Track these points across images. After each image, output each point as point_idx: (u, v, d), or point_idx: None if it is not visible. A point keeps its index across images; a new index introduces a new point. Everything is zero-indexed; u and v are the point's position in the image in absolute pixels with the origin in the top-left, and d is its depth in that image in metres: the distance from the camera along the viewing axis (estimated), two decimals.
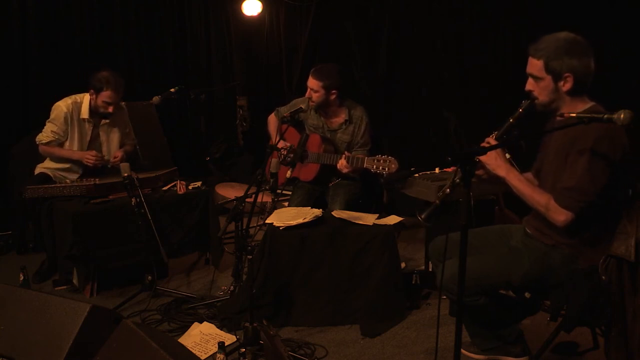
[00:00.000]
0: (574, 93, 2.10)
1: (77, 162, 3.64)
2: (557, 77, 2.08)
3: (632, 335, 2.01)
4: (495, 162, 2.17)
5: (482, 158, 2.16)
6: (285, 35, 6.00)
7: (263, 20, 6.02)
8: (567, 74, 2.06)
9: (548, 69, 2.08)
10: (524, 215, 2.39)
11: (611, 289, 2.02)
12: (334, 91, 3.48)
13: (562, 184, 2.05)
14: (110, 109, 3.55)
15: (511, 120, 2.17)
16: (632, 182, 2.12)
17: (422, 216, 2.17)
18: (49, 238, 3.33)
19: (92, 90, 3.54)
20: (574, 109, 2.10)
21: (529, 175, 2.44)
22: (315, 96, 3.46)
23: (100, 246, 3.19)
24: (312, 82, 3.46)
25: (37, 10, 4.52)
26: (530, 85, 2.17)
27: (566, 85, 2.08)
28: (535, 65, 2.12)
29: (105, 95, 3.50)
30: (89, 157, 3.57)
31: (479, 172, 2.28)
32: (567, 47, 2.06)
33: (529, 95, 2.17)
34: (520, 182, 2.15)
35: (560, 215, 2.04)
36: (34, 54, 4.54)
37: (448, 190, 2.18)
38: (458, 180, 2.12)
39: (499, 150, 2.17)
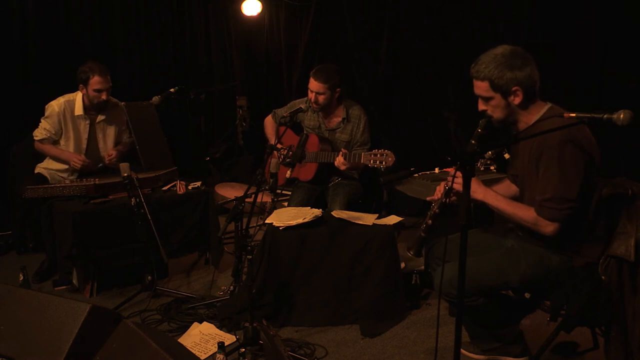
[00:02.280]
0: (526, 103, 2.11)
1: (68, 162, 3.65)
2: (505, 93, 2.09)
3: (632, 335, 2.01)
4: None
5: (456, 186, 2.13)
6: (285, 35, 6.00)
7: (263, 20, 6.01)
8: (514, 88, 2.07)
9: (494, 87, 2.09)
10: None
11: (611, 289, 2.02)
12: (337, 89, 3.48)
13: (540, 195, 2.04)
14: (104, 96, 3.54)
15: (473, 142, 2.14)
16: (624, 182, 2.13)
17: (412, 252, 2.18)
18: (49, 238, 3.33)
19: (81, 85, 3.54)
20: (531, 117, 2.12)
21: (506, 181, 2.44)
22: (321, 98, 3.45)
23: (100, 246, 3.19)
24: (316, 86, 3.43)
25: (37, 10, 4.53)
26: (482, 105, 2.18)
27: (517, 99, 2.09)
28: (481, 86, 2.13)
29: (94, 82, 3.49)
30: (77, 161, 3.57)
31: (454, 198, 2.23)
32: (507, 62, 2.06)
33: (484, 114, 2.17)
34: (500, 202, 2.14)
35: (548, 227, 2.04)
36: (34, 54, 4.54)
37: (430, 221, 2.17)
38: (438, 211, 2.13)
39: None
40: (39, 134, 3.62)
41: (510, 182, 2.43)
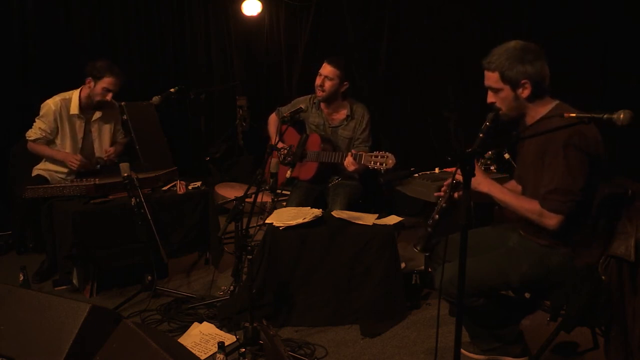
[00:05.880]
0: (534, 97, 2.14)
1: (62, 163, 3.64)
2: (514, 85, 2.13)
3: (632, 335, 2.01)
4: (474, 180, 2.15)
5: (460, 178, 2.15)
6: (285, 35, 6.01)
7: (263, 20, 6.02)
8: (523, 81, 2.11)
9: (504, 79, 2.13)
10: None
11: (611, 289, 2.02)
12: (345, 83, 3.49)
13: (544, 188, 2.06)
14: (109, 97, 3.56)
15: (481, 135, 2.17)
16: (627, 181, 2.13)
17: (419, 247, 2.18)
18: (49, 238, 3.34)
19: (89, 79, 3.54)
20: (539, 112, 2.16)
21: (513, 182, 2.44)
22: (328, 85, 3.45)
23: (100, 246, 3.19)
24: (328, 70, 3.44)
25: (37, 10, 4.53)
26: (491, 97, 2.21)
27: (525, 92, 2.12)
28: (491, 77, 2.17)
29: (107, 81, 3.51)
30: (73, 161, 3.56)
31: (461, 193, 2.24)
32: (519, 54, 2.10)
33: (492, 107, 2.20)
34: (504, 195, 2.16)
35: (551, 220, 2.05)
36: (34, 54, 4.54)
37: (437, 215, 2.18)
38: (445, 205, 2.14)
39: (476, 167, 2.17)
40: (32, 134, 3.61)
41: (517, 184, 2.43)
